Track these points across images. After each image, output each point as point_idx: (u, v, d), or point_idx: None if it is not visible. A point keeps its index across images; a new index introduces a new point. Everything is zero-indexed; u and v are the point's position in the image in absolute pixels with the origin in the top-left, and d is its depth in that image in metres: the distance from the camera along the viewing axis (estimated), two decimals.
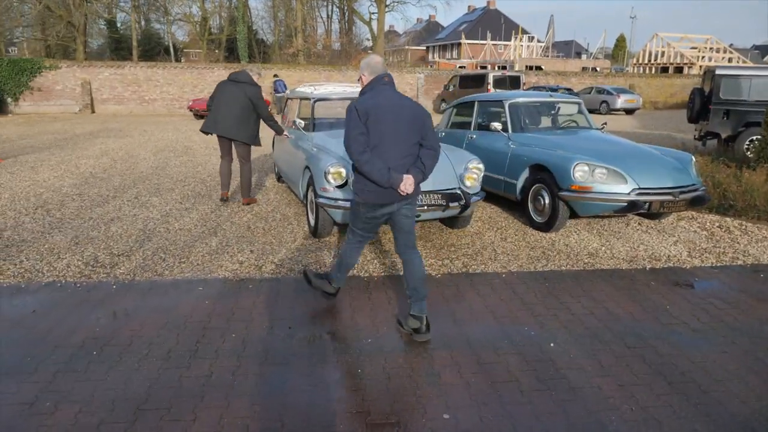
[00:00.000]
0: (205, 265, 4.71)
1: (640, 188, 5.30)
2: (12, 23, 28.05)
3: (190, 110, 20.69)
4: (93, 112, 23.01)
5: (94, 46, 45.69)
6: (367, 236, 3.64)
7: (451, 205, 5.01)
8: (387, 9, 34.12)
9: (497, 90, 20.79)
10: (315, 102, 6.40)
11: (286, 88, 24.12)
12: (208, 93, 22.82)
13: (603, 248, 5.32)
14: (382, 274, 4.60)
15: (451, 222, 5.81)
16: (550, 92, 7.55)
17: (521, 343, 3.45)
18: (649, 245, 5.43)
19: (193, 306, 3.91)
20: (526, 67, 41.01)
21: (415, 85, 27.54)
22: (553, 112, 7.08)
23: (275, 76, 23.77)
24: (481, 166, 5.40)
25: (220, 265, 4.70)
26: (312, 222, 5.45)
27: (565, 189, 5.42)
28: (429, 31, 76.99)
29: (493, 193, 6.75)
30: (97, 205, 6.63)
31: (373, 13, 36.14)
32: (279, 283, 4.35)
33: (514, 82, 22.48)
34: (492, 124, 6.66)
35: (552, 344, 3.43)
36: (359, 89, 6.78)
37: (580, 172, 5.34)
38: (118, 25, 41.40)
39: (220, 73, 24.47)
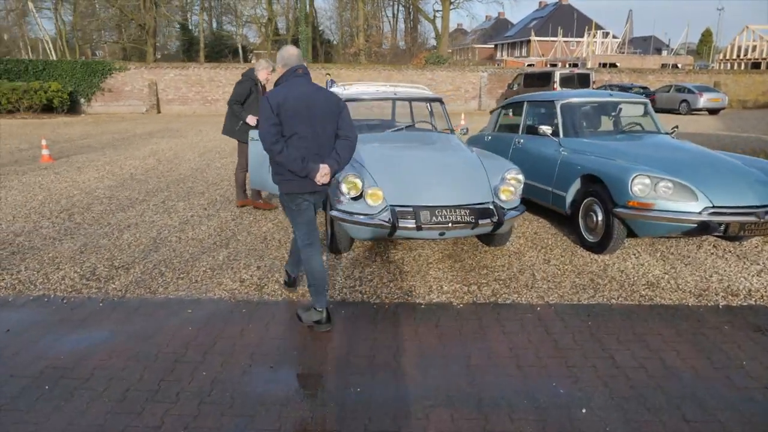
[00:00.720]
0: (204, 282, 4.29)
1: (714, 206, 4.40)
2: (92, 26, 29.56)
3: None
4: (159, 112, 23.73)
5: (171, 49, 47.71)
6: (310, 232, 3.54)
7: (481, 222, 4.34)
8: (452, 6, 33.28)
9: (563, 89, 19.55)
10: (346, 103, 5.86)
11: None
12: None
13: (666, 277, 4.46)
14: (396, 300, 4.00)
15: (487, 238, 5.12)
16: (610, 92, 6.64)
17: (545, 404, 2.76)
18: (725, 275, 4.51)
19: (174, 333, 3.48)
20: (600, 64, 38.83)
21: (477, 84, 26.59)
22: (613, 113, 6.20)
23: (327, 74, 23.57)
24: (520, 176, 4.69)
25: (220, 283, 4.28)
26: (329, 236, 4.94)
27: (620, 205, 4.61)
28: (497, 28, 75.07)
29: (542, 206, 5.99)
30: (121, 210, 6.43)
31: (437, 11, 35.40)
32: (275, 308, 3.85)
33: (582, 81, 21.12)
34: (541, 127, 5.88)
35: (584, 410, 2.71)
36: (398, 88, 6.32)
37: (639, 186, 4.51)
38: (192, 27, 42.97)
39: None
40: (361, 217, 4.36)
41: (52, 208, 6.45)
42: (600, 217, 4.91)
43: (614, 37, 52.13)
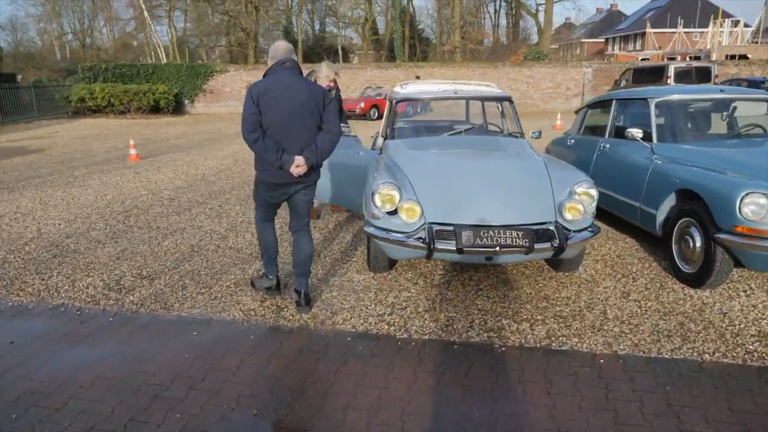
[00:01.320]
0: (224, 299, 3.94)
1: None
2: (201, 31, 31.36)
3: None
4: None
5: None
6: (267, 213, 3.79)
7: (537, 247, 3.59)
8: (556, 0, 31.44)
9: (678, 84, 17.51)
10: (396, 103, 5.32)
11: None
12: (358, 93, 22.92)
13: None
14: (426, 335, 3.39)
15: (554, 262, 4.34)
16: (722, 87, 5.49)
17: None
18: None
19: (168, 359, 3.13)
20: (727, 56, 34.82)
21: (580, 80, 24.77)
22: (725, 113, 5.09)
23: (417, 77, 23.03)
24: (592, 191, 3.87)
25: (239, 301, 3.90)
26: (367, 252, 4.41)
27: (725, 229, 3.64)
28: (609, 21, 70.32)
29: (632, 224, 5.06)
30: (177, 213, 6.33)
31: (540, 5, 33.62)
32: (286, 337, 3.39)
33: (702, 75, 18.80)
34: (630, 130, 4.94)
35: None
36: (460, 86, 5.65)
37: (752, 206, 3.52)
38: (295, 30, 44.42)
39: (372, 72, 24.46)
40: (396, 235, 3.78)
41: (114, 209, 6.50)
42: (698, 243, 3.95)
43: (746, 25, 46.67)
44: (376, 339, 3.35)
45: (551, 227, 3.68)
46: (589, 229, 3.89)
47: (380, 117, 21.30)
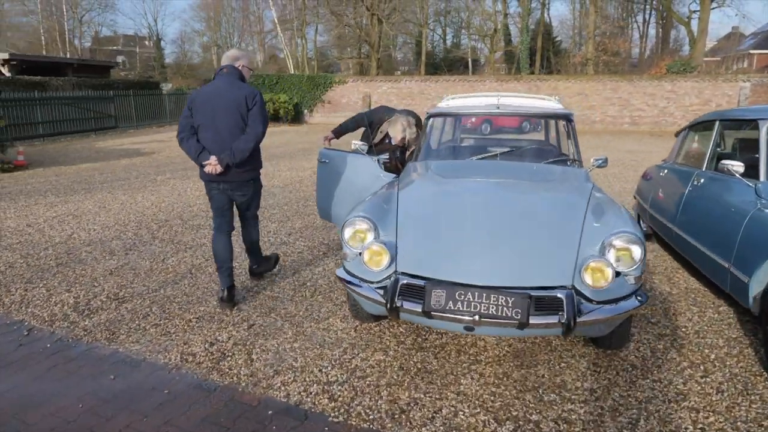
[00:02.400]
0: (175, 335, 3.44)
1: None
2: (332, 42, 32.43)
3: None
4: None
5: (409, 63, 50.02)
6: (219, 222, 3.90)
7: (534, 321, 2.60)
8: (714, 5, 27.66)
9: None
10: (429, 120, 4.50)
11: None
12: None
13: None
14: (365, 424, 2.57)
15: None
16: None
17: None
18: None
19: (58, 408, 2.66)
20: None
21: (734, 96, 21.39)
22: None
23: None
24: (636, 249, 2.77)
25: (187, 341, 3.37)
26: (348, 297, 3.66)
27: None
28: None
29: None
30: (199, 229, 6.01)
31: (694, 12, 29.85)
32: (201, 399, 2.77)
33: None
34: (726, 162, 3.65)
35: None
36: (507, 100, 4.68)
37: None
38: (428, 43, 44.29)
39: (490, 85, 23.32)
40: (358, 284, 3.01)
41: (158, 218, 6.42)
42: None
43: None
44: (302, 418, 2.61)
45: (561, 294, 2.65)
46: (627, 299, 2.79)
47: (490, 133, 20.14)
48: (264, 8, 38.33)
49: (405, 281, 2.82)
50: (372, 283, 2.95)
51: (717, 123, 4.29)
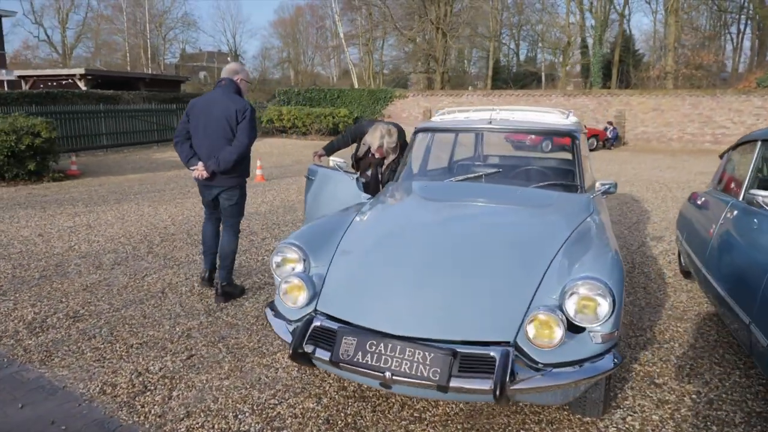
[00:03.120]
0: (108, 362, 3.21)
1: None
2: (397, 56, 32.51)
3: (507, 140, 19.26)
4: None
5: (480, 77, 49.20)
6: (207, 213, 4.28)
7: (456, 385, 2.10)
8: None
9: None
10: (415, 135, 4.07)
11: (616, 137, 20.25)
12: None
13: None
14: None
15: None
16: None
17: None
18: None
19: None
20: None
21: None
22: None
23: (609, 123, 20.29)
24: (601, 301, 2.21)
25: (116, 370, 3.11)
26: None
27: None
28: None
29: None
30: (199, 244, 5.77)
31: None
32: None
33: None
34: (755, 192, 2.97)
35: None
36: (506, 114, 4.17)
37: None
38: (501, 57, 43.40)
39: (557, 100, 22.28)
40: (275, 320, 2.64)
41: (167, 232, 6.35)
42: None
43: None
44: None
45: (495, 352, 2.15)
46: (594, 360, 2.23)
47: (551, 151, 19.26)
48: (346, 24, 39.16)
49: (319, 323, 2.42)
50: (290, 321, 2.57)
51: (759, 144, 3.56)
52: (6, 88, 18.88)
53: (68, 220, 6.81)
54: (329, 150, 4.82)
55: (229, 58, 54.19)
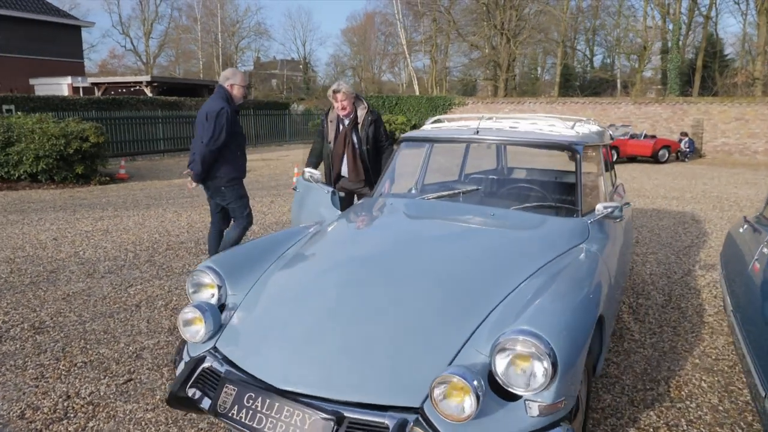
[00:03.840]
0: (47, 380, 3.02)
1: None
2: (460, 62, 31.91)
3: None
4: None
5: (561, 85, 47.40)
6: (212, 217, 4.57)
7: None
8: None
9: None
10: (402, 144, 3.67)
11: (692, 149, 18.60)
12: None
13: None
14: None
15: None
16: None
17: None
18: None
19: None
20: None
21: None
22: None
23: (683, 134, 18.67)
24: (536, 364, 1.74)
25: (47, 391, 2.92)
26: None
27: None
28: None
29: None
30: (200, 254, 5.63)
31: None
32: None
33: None
34: None
35: None
36: (501, 124, 3.68)
37: None
38: (574, 63, 41.62)
39: (627, 109, 20.91)
40: (178, 357, 2.32)
41: (173, 240, 6.26)
42: None
43: None
44: None
45: (390, 420, 1.72)
46: None
47: (616, 162, 18.08)
48: (411, 31, 39.15)
49: (208, 365, 2.08)
50: (189, 356, 2.25)
51: None
52: (81, 94, 20.10)
53: (89, 225, 6.89)
54: (312, 160, 4.73)
55: (301, 66, 55.57)
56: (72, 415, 2.72)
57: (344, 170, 4.58)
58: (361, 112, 4.47)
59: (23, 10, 22.86)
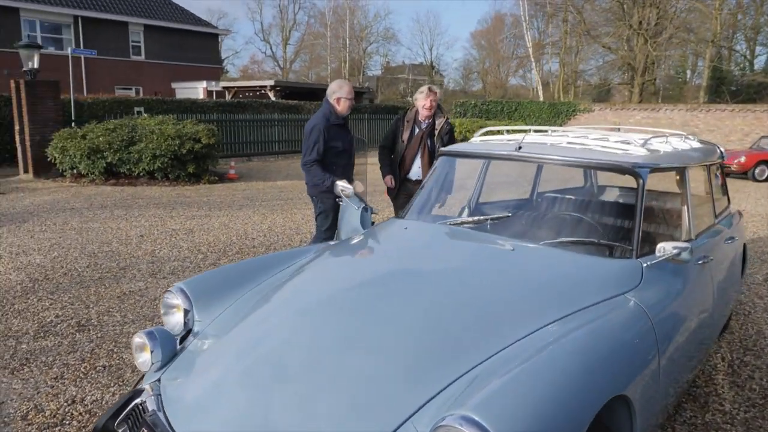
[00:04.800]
0: (57, 382, 3.08)
1: None
2: (594, 65, 29.81)
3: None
4: None
5: (711, 91, 42.66)
6: None
7: None
8: None
9: None
10: (437, 160, 3.28)
11: None
12: (748, 144, 17.30)
13: None
14: None
15: None
16: None
17: None
18: None
19: None
20: None
21: None
22: None
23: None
24: None
25: (52, 393, 2.97)
26: None
27: None
28: None
29: None
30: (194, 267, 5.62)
31: None
32: None
33: None
34: None
35: None
36: (557, 138, 3.10)
37: None
38: (731, 64, 37.06)
39: None
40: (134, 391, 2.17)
41: (244, 244, 6.34)
42: None
43: None
44: None
45: None
46: None
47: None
48: (540, 33, 37.52)
49: (144, 400, 1.89)
50: (135, 386, 2.08)
51: None
52: (214, 97, 21.82)
53: (178, 224, 7.25)
54: (383, 167, 4.73)
55: (433, 71, 55.74)
56: (67, 423, 2.71)
57: (414, 173, 4.55)
58: (439, 120, 4.52)
59: (168, 20, 25.40)
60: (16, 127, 11.16)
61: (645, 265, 2.32)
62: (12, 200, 8.71)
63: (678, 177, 2.92)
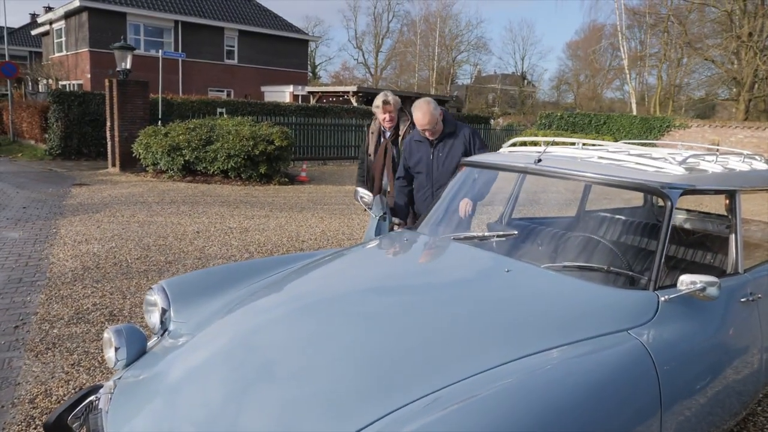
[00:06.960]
0: (72, 368, 3.20)
1: None
2: (696, 79, 27.65)
3: None
4: None
5: None
6: None
7: None
8: None
9: None
10: (458, 170, 3.08)
11: None
12: None
13: None
14: None
15: None
16: None
17: None
18: None
19: None
20: None
21: None
22: None
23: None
24: None
25: (64, 378, 3.08)
26: None
27: None
28: None
29: None
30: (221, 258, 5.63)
31: None
32: None
33: None
34: None
35: None
36: (592, 153, 2.79)
37: None
38: None
39: None
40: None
41: (291, 246, 6.38)
42: None
43: None
44: None
45: None
46: None
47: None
48: (638, 44, 35.33)
49: (98, 397, 1.89)
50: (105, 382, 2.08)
51: None
52: (300, 101, 22.52)
53: (236, 222, 7.46)
54: (360, 181, 4.39)
55: (524, 82, 54.36)
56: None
57: (386, 183, 4.26)
58: (403, 126, 4.17)
59: (262, 26, 26.55)
60: (107, 124, 12.10)
61: (663, 299, 2.00)
62: (93, 191, 9.42)
63: (727, 201, 2.56)
